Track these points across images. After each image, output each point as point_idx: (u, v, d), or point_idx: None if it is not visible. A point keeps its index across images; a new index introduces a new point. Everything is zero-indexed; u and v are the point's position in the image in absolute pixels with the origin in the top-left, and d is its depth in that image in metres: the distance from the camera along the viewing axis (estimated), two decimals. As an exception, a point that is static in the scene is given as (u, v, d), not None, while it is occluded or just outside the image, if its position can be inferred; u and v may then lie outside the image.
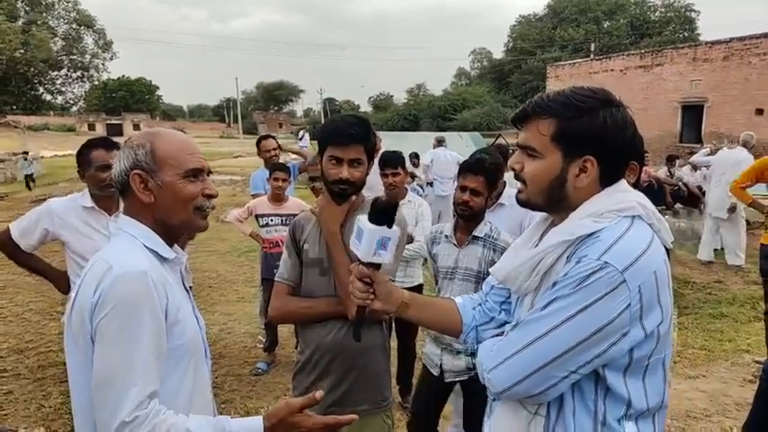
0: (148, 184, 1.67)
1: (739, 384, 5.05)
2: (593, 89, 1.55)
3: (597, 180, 1.53)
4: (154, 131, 1.77)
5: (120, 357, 1.46)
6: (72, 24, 60.70)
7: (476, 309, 1.88)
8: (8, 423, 4.36)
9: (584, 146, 1.50)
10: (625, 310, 1.38)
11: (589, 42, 50.69)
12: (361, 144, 2.37)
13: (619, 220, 1.46)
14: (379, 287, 1.73)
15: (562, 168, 1.52)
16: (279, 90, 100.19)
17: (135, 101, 76.67)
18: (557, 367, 1.42)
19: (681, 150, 19.53)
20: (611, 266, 1.37)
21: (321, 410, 2.54)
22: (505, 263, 1.69)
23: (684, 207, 11.09)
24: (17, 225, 3.46)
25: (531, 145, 1.55)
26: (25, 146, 25.48)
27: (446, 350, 3.26)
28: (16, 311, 7.04)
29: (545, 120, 1.52)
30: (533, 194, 1.58)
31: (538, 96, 1.58)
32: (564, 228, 1.52)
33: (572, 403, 1.48)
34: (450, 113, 49.86)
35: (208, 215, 1.78)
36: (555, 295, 1.43)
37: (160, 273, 1.61)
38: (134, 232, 1.67)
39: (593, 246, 1.42)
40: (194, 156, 1.72)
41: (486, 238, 3.23)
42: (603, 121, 1.48)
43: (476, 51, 76.38)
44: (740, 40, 22.27)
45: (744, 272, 8.83)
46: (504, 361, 1.48)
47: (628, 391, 1.46)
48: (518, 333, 1.49)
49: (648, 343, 1.43)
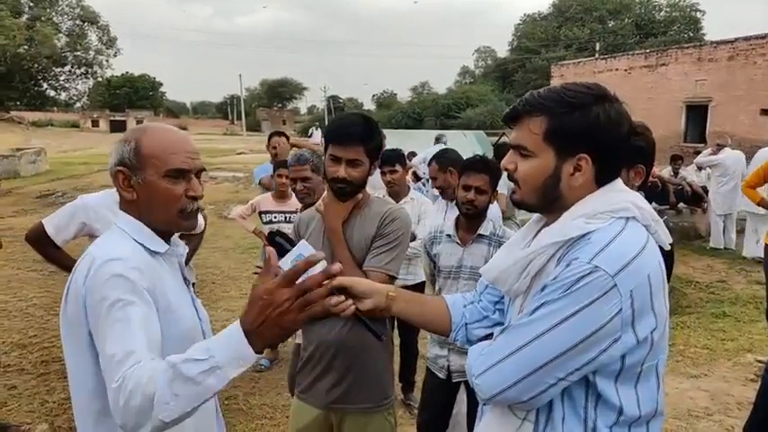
0: (131, 182, 1.69)
1: (741, 383, 5.05)
2: (586, 84, 1.49)
3: (593, 179, 1.48)
4: (144, 127, 1.76)
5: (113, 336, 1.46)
6: (76, 20, 60.82)
7: (467, 307, 1.84)
8: (12, 418, 4.38)
9: (577, 143, 1.45)
10: (616, 316, 1.33)
11: (594, 41, 50.66)
12: (361, 144, 2.38)
13: (612, 222, 1.42)
14: (355, 288, 1.67)
15: (556, 167, 1.48)
16: (282, 87, 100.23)
17: (138, 97, 76.68)
18: (546, 374, 1.37)
19: (685, 150, 19.46)
20: (602, 270, 1.32)
21: (324, 407, 2.56)
22: (496, 263, 1.65)
23: (688, 207, 11.06)
24: (51, 221, 3.52)
25: (523, 144, 1.51)
26: (29, 141, 25.47)
27: (453, 351, 3.23)
28: (20, 306, 7.05)
29: (536, 117, 1.47)
30: (527, 195, 1.54)
31: (529, 93, 1.53)
32: (555, 228, 1.47)
33: (561, 410, 1.45)
34: (453, 112, 49.88)
35: (193, 215, 1.76)
36: (543, 300, 1.39)
37: (146, 262, 1.63)
38: (125, 226, 1.71)
39: (584, 248, 1.38)
40: (180, 155, 1.70)
41: (491, 236, 3.22)
42: (597, 117, 1.43)
43: (480, 50, 76.56)
44: (745, 40, 22.18)
45: (747, 271, 8.82)
46: (492, 366, 1.43)
47: (619, 398, 1.42)
48: (506, 338, 1.45)
49: (641, 349, 1.39)
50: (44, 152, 23.31)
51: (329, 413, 2.57)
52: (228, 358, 1.33)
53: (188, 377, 1.32)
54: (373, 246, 2.43)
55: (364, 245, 2.44)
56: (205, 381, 1.32)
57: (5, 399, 4.68)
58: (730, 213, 10.25)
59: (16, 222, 11.88)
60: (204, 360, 1.32)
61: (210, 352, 1.33)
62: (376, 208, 2.51)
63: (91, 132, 55.89)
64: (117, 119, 64.47)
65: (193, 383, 1.32)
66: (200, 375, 1.32)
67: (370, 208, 2.52)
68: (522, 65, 58.77)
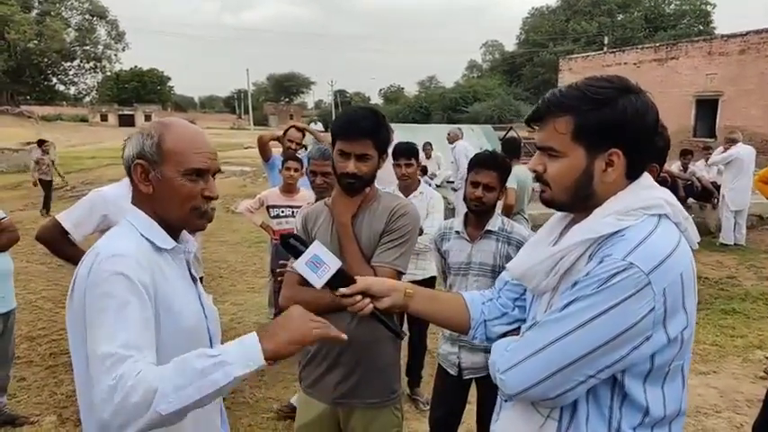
0: (149, 176, 1.67)
1: (751, 381, 5.02)
2: (608, 78, 1.47)
3: (624, 173, 1.46)
4: (167, 122, 1.74)
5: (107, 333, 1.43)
6: (85, 15, 61.16)
7: (485, 304, 1.83)
8: (21, 410, 4.41)
9: (607, 139, 1.43)
10: (649, 314, 1.32)
11: (603, 35, 50.36)
12: (370, 139, 2.35)
13: (645, 219, 1.41)
14: (372, 289, 1.69)
15: (587, 165, 1.46)
16: (290, 82, 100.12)
17: (147, 92, 76.69)
18: (575, 371, 1.36)
19: (694, 145, 19.33)
20: (636, 267, 1.31)
21: (331, 401, 2.56)
22: (522, 259, 1.64)
23: (697, 202, 10.99)
24: (68, 216, 3.44)
25: (551, 145, 1.48)
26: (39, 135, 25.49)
27: (464, 347, 3.22)
28: (29, 299, 7.09)
29: (561, 117, 1.45)
30: (559, 194, 1.51)
31: (550, 93, 1.51)
32: (587, 225, 1.45)
33: (586, 408, 1.43)
34: (461, 106, 49.64)
35: (207, 216, 1.75)
36: (576, 295, 1.37)
37: (151, 260, 1.61)
38: (134, 221, 1.69)
39: (617, 245, 1.36)
40: (201, 154, 1.69)
41: (499, 231, 3.20)
42: (624, 110, 1.41)
43: (487, 44, 76.16)
44: (757, 34, 22.03)
45: (757, 267, 8.77)
46: (520, 362, 1.42)
47: (646, 398, 1.40)
48: (536, 334, 1.43)
49: (671, 348, 1.38)
50: (53, 146, 23.34)
51: (336, 408, 2.56)
52: (237, 357, 1.41)
53: (194, 368, 1.37)
54: (381, 241, 2.42)
55: (373, 240, 2.43)
56: (211, 374, 1.37)
57: (15, 390, 4.70)
58: (743, 210, 10.21)
59: (26, 216, 11.96)
60: (214, 356, 1.39)
61: (221, 350, 1.43)
62: (385, 203, 2.50)
63: (100, 127, 55.99)
64: (125, 113, 64.47)
65: (198, 375, 1.36)
66: (207, 368, 1.37)
67: (378, 203, 2.50)
68: (529, 59, 58.45)
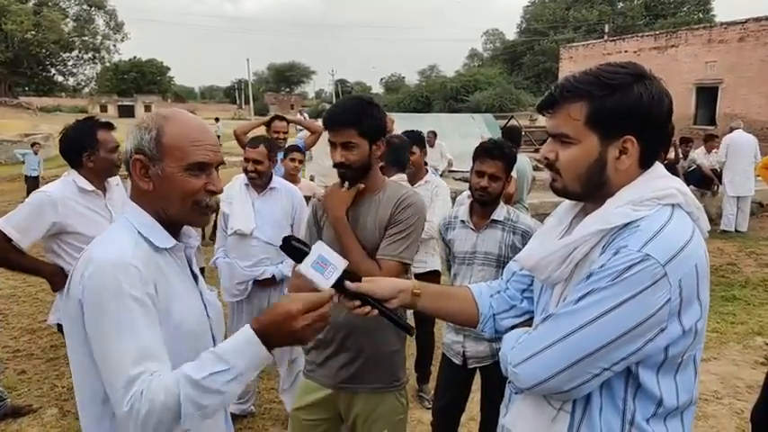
0: (148, 171, 1.59)
1: (751, 367, 5.04)
2: (622, 64, 1.46)
3: (637, 161, 1.45)
4: (166, 114, 1.65)
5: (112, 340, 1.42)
6: (83, 5, 60.82)
7: (494, 296, 1.81)
8: (22, 403, 4.41)
9: (621, 125, 1.41)
10: (665, 306, 1.31)
11: (603, 23, 50.11)
12: (352, 127, 2.38)
13: (659, 209, 1.39)
14: (377, 293, 1.67)
15: (600, 152, 1.44)
16: (290, 71, 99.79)
17: (146, 82, 76.54)
18: (590, 363, 1.35)
19: (694, 132, 19.31)
20: (653, 259, 1.30)
21: (334, 386, 2.57)
22: (533, 250, 1.61)
23: (698, 189, 10.99)
24: (9, 222, 3.18)
25: (564, 132, 1.46)
26: (37, 127, 25.31)
27: (468, 337, 3.21)
28: (29, 292, 7.09)
29: (576, 103, 1.43)
30: (571, 182, 1.49)
31: (564, 79, 1.49)
32: (601, 215, 1.43)
33: (599, 401, 1.42)
34: (462, 95, 49.47)
35: (210, 210, 1.67)
36: (591, 287, 1.35)
37: (150, 261, 1.55)
38: (132, 219, 1.61)
39: (633, 236, 1.35)
40: (202, 147, 1.60)
41: (505, 221, 3.18)
42: (639, 97, 1.39)
43: (488, 32, 75.90)
44: (756, 21, 21.92)
45: (757, 254, 8.77)
46: (533, 355, 1.41)
47: (660, 388, 1.39)
48: (549, 326, 1.42)
49: (685, 339, 1.37)
50: (52, 138, 23.33)
51: (339, 393, 2.58)
52: (248, 366, 1.46)
53: (213, 389, 1.41)
54: (387, 233, 2.44)
55: (378, 230, 2.45)
56: (230, 390, 1.44)
57: (15, 383, 4.72)
58: (746, 196, 10.23)
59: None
60: (226, 371, 1.42)
61: (230, 363, 1.43)
62: (391, 192, 2.51)
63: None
64: (125, 104, 64.33)
65: (218, 394, 1.42)
66: (224, 385, 1.42)
67: (384, 192, 2.52)
68: (530, 47, 58.20)
